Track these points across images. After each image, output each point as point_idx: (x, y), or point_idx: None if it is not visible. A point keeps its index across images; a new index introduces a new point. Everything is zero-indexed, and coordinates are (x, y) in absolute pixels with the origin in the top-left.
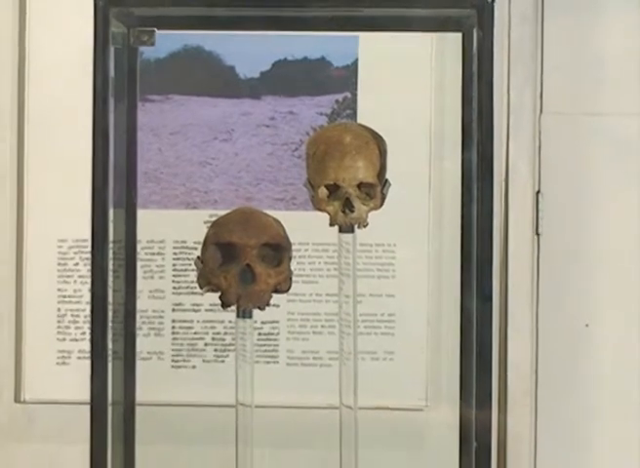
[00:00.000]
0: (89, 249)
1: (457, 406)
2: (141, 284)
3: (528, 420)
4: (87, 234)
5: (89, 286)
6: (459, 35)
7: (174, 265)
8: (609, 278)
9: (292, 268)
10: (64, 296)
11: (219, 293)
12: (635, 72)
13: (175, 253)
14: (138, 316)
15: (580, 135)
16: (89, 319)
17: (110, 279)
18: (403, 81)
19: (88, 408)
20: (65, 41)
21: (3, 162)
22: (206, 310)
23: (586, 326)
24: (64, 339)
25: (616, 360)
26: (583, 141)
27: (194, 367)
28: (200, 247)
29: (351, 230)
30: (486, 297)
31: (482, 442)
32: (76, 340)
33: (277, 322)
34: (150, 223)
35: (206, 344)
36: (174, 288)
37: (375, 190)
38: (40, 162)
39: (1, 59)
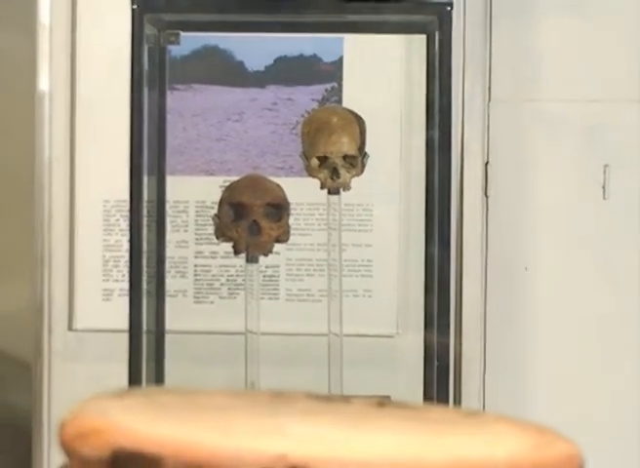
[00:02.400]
0: (128, 207)
1: (421, 333)
2: (170, 236)
3: (479, 345)
4: (126, 195)
5: (128, 237)
6: (423, 37)
7: (196, 221)
8: (544, 231)
9: (290, 223)
10: (108, 246)
11: (231, 243)
12: (566, 66)
13: (196, 211)
14: (166, 261)
15: (521, 117)
16: (128, 264)
17: (145, 232)
18: (379, 74)
19: (127, 335)
20: (108, 41)
21: (58, 138)
22: (221, 257)
23: (525, 269)
24: (108, 280)
25: (548, 297)
26: (524, 123)
27: (212, 302)
28: (217, 206)
29: (337, 193)
30: (445, 246)
31: (442, 362)
32: (117, 281)
33: (278, 266)
34: (177, 187)
35: (221, 284)
36: (196, 239)
37: (356, 161)
38: (88, 138)
39: (57, 55)
